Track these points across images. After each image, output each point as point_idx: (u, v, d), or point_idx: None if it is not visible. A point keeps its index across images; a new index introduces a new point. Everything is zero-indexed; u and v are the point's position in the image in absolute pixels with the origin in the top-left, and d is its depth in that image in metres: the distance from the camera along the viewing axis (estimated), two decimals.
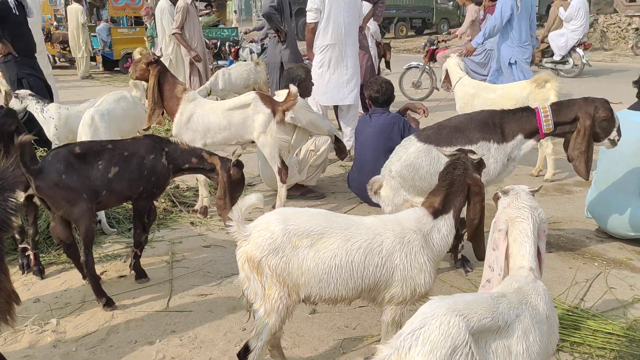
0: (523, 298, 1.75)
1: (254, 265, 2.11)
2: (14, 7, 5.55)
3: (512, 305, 1.68)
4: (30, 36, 5.83)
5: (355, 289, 2.15)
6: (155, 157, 3.24)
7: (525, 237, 1.95)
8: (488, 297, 1.70)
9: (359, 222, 2.21)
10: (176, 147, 3.35)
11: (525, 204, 2.00)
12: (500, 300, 1.68)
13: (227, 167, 3.28)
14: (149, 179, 3.22)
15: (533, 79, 5.13)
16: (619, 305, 3.05)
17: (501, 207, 2.06)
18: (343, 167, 5.80)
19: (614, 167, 3.76)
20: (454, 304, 1.59)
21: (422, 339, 1.50)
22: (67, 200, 2.96)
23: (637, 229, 3.70)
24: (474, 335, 1.56)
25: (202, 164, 3.35)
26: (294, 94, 4.18)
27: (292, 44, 6.72)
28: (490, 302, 1.66)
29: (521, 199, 2.01)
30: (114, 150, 3.17)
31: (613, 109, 3.19)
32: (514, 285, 1.81)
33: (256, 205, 2.20)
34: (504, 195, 2.06)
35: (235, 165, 3.31)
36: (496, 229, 2.04)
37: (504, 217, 2.02)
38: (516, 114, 3.28)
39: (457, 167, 2.28)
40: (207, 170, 3.38)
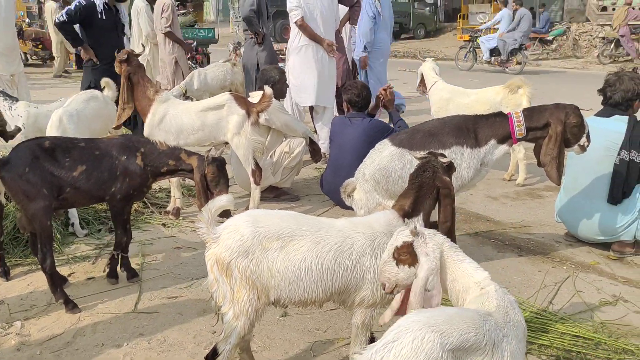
0: (506, 315, 1.72)
1: (223, 268, 2.09)
2: (101, 12, 5.30)
3: (499, 325, 1.66)
4: (118, 43, 5.53)
5: (325, 292, 2.14)
6: (129, 158, 3.18)
7: (461, 257, 1.90)
8: (474, 312, 1.68)
9: (329, 224, 2.20)
10: (153, 148, 3.25)
11: (434, 233, 1.93)
12: (486, 319, 1.65)
13: (202, 168, 3.21)
14: (122, 180, 3.16)
15: (506, 85, 5.20)
16: (586, 308, 3.10)
17: (423, 250, 1.87)
18: (318, 170, 5.79)
19: (582, 173, 3.82)
20: (432, 318, 1.56)
21: (393, 352, 1.49)
22: (26, 194, 2.92)
23: (604, 234, 3.77)
24: (457, 352, 1.54)
25: (181, 166, 3.26)
26: (269, 96, 4.17)
27: (269, 45, 6.70)
28: (475, 318, 1.63)
29: (430, 234, 1.91)
30: (85, 148, 3.12)
31: (583, 115, 3.24)
32: (492, 302, 1.76)
33: (226, 206, 2.18)
34: (415, 236, 1.88)
35: (211, 163, 3.21)
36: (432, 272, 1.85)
37: (435, 253, 1.86)
38: (489, 119, 3.31)
39: (427, 170, 2.29)
40: (187, 171, 3.28)
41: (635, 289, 3.33)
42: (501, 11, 15.10)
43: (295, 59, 5.65)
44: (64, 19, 5.20)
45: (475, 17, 21.50)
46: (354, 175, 3.60)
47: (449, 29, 26.60)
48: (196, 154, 3.29)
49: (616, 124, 3.67)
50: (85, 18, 5.27)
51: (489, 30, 15.78)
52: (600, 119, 3.77)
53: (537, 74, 14.30)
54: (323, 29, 5.57)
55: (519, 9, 14.69)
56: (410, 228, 1.87)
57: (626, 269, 3.62)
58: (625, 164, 3.59)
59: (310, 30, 5.47)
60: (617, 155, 3.61)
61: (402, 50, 21.07)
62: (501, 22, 14.74)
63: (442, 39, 25.06)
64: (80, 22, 5.36)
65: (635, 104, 3.72)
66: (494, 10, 20.99)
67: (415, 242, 1.86)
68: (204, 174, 3.19)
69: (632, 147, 3.58)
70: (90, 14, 5.24)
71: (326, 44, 5.51)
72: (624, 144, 3.60)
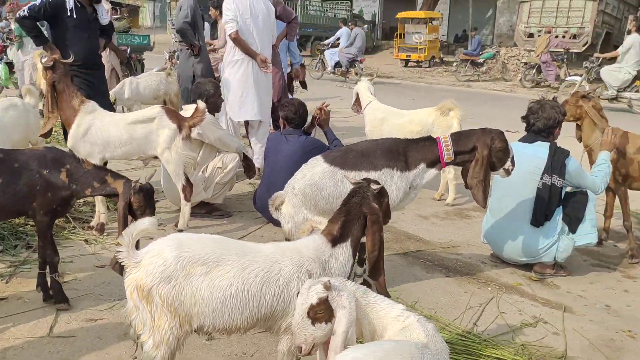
0: (436, 344, 1.75)
1: (144, 294, 2.00)
2: (72, 10, 4.84)
3: (434, 354, 1.68)
4: (91, 44, 5.12)
5: (250, 319, 2.09)
6: (51, 172, 3.00)
7: (372, 298, 1.91)
8: (411, 345, 1.68)
9: (257, 249, 2.16)
10: (79, 166, 3.10)
11: (343, 282, 1.93)
12: (424, 351, 1.66)
13: (127, 195, 3.07)
14: (44, 195, 2.98)
15: (438, 107, 5.34)
16: (508, 330, 3.19)
17: (339, 303, 1.84)
18: (252, 185, 5.72)
19: (506, 196, 3.95)
20: (371, 355, 1.55)
21: None
22: None
23: (527, 255, 3.91)
24: None
25: (105, 189, 3.13)
26: (202, 110, 4.08)
27: (206, 57, 6.59)
28: (413, 351, 1.63)
29: (340, 285, 1.90)
30: (3, 160, 2.93)
31: (508, 140, 3.35)
32: (420, 333, 1.78)
33: (149, 230, 2.09)
34: (329, 290, 1.84)
35: (138, 192, 3.08)
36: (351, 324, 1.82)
37: (352, 304, 1.84)
38: (419, 144, 3.37)
39: (356, 196, 2.29)
40: (111, 195, 3.17)
41: (554, 310, 3.46)
42: (341, 29, 17.24)
43: (230, 73, 5.57)
44: (25, 14, 4.78)
45: (412, 37, 22.11)
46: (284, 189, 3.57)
47: (387, 46, 27.27)
48: (123, 178, 3.16)
49: (539, 149, 3.83)
50: (52, 16, 4.86)
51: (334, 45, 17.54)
52: (524, 144, 3.92)
53: (468, 96, 14.84)
54: (259, 43, 5.52)
55: (354, 28, 16.82)
56: (324, 282, 1.82)
57: (546, 290, 3.76)
58: (548, 188, 3.75)
59: (244, 45, 5.41)
60: (540, 180, 3.77)
61: None
62: (341, 39, 16.74)
63: (380, 56, 25.64)
64: (48, 20, 4.95)
65: (555, 131, 3.90)
66: (429, 31, 21.71)
67: (330, 296, 1.81)
68: (128, 201, 3.05)
69: (553, 172, 3.74)
70: (58, 11, 4.83)
71: (259, 59, 5.46)
72: (546, 169, 3.75)
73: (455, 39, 28.14)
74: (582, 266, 4.17)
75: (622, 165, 4.22)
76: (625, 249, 4.38)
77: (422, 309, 3.34)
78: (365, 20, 27.60)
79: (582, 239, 3.83)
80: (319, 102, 4.69)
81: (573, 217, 3.82)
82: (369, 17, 30.49)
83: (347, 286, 1.87)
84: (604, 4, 18.21)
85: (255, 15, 5.48)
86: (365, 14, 30.48)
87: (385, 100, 6.00)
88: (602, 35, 18.13)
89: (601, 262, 4.26)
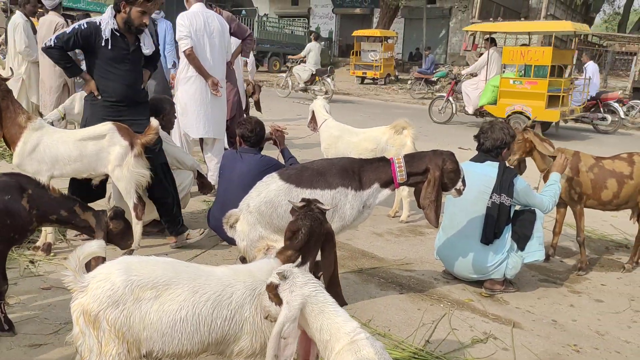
0: None
1: (90, 320, 1.94)
2: (107, 41, 4.08)
3: None
4: (130, 78, 4.30)
5: (201, 343, 2.06)
6: (13, 198, 2.88)
7: (330, 308, 1.92)
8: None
9: (209, 272, 2.13)
10: (43, 193, 3.00)
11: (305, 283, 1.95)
12: None
13: (103, 224, 3.00)
14: (3, 222, 2.86)
15: (392, 125, 5.43)
16: (460, 346, 3.24)
17: (286, 297, 1.90)
18: (206, 203, 5.66)
19: (458, 214, 4.04)
20: None
21: None
22: None
23: (477, 272, 4.00)
24: None
25: (74, 219, 3.05)
26: (155, 128, 4.02)
27: (161, 74, 6.50)
28: None
29: (299, 284, 1.92)
30: None
31: (458, 162, 3.44)
32: (369, 350, 1.79)
33: (97, 253, 2.04)
34: (282, 280, 1.91)
35: (115, 218, 3.03)
36: (288, 321, 1.86)
37: (295, 304, 1.88)
38: (373, 164, 3.42)
39: (305, 217, 2.30)
40: (80, 227, 3.10)
41: (504, 326, 3.54)
42: (309, 44, 17.28)
43: (184, 90, 5.52)
44: (51, 44, 4.10)
45: (367, 55, 22.47)
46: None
47: (343, 63, 27.61)
48: (90, 209, 3.10)
49: (488, 169, 3.93)
50: (85, 46, 4.18)
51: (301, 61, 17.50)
52: (474, 164, 4.03)
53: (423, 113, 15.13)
54: (213, 61, 5.50)
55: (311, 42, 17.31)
56: (284, 270, 1.90)
57: (496, 306, 3.85)
58: (497, 207, 3.85)
59: (197, 62, 5.38)
60: (490, 199, 3.87)
61: None
62: (309, 54, 16.73)
63: (336, 73, 25.84)
64: (82, 49, 4.27)
65: (503, 152, 4.02)
66: (384, 49, 22.12)
67: (281, 287, 1.89)
68: (107, 230, 2.99)
69: (502, 191, 3.85)
70: (90, 41, 4.12)
71: (211, 81, 5.43)
72: (495, 188, 3.86)
73: (409, 58, 28.80)
74: (531, 282, 4.29)
75: (576, 184, 4.40)
76: (576, 263, 4.55)
77: (375, 327, 3.37)
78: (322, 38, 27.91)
79: (530, 255, 3.95)
80: (280, 121, 4.71)
81: (521, 234, 3.94)
82: (325, 34, 30.94)
83: (304, 289, 1.89)
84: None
85: (210, 32, 5.46)
86: (322, 31, 30.90)
87: (341, 117, 6.08)
88: None
89: (548, 278, 4.39)
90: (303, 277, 1.91)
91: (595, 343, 3.41)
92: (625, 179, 4.37)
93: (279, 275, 1.89)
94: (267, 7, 33.36)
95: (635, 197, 4.44)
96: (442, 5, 28.32)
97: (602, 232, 5.52)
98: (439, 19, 28.21)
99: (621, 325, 3.67)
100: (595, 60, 17.00)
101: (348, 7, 31.81)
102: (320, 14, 32.85)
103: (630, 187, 4.37)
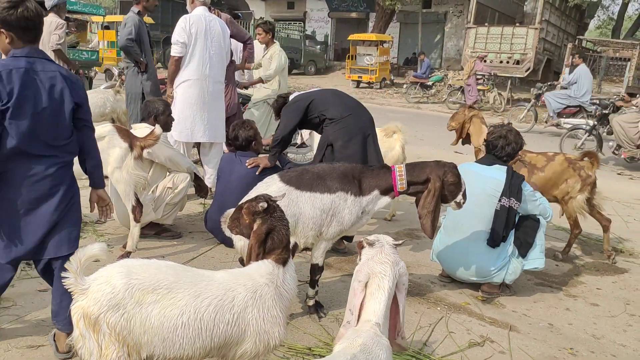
0: (369, 355, 1.79)
1: (90, 323, 1.94)
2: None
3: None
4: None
5: (203, 348, 2.06)
6: None
7: (382, 293, 2.01)
8: (341, 356, 1.72)
9: (209, 276, 2.13)
10: None
11: (387, 259, 2.06)
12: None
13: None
14: None
15: (383, 129, 5.44)
16: (457, 349, 3.26)
17: (364, 258, 2.11)
18: (202, 206, 5.65)
19: (461, 215, 4.00)
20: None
21: None
22: None
23: (479, 275, 4.00)
24: None
25: None
26: (157, 136, 4.05)
27: (154, 74, 6.49)
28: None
29: (384, 254, 2.07)
30: None
31: (460, 174, 3.41)
32: (358, 341, 1.85)
33: (98, 256, 2.04)
34: (369, 246, 2.11)
35: None
36: (356, 279, 2.07)
37: (365, 269, 2.07)
38: (374, 171, 3.41)
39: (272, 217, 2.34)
40: None
41: (500, 329, 3.56)
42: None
43: (181, 93, 5.52)
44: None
45: (363, 59, 22.53)
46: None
47: (339, 67, 27.66)
48: None
49: (497, 172, 3.94)
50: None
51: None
52: (482, 166, 4.04)
53: (418, 117, 15.20)
54: (211, 64, 5.50)
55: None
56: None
57: (493, 309, 3.87)
58: (506, 210, 3.86)
59: (175, 71, 5.48)
60: (499, 202, 3.87)
61: (292, 85, 21.44)
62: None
63: (332, 76, 25.96)
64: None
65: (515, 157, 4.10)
66: (380, 54, 22.19)
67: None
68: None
69: (511, 195, 3.86)
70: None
71: (168, 92, 5.63)
72: (504, 191, 3.87)
73: (405, 62, 28.86)
74: (527, 285, 4.31)
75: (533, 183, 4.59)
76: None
77: None
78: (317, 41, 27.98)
79: (531, 263, 3.97)
80: None
81: (524, 241, 3.96)
82: (321, 38, 30.98)
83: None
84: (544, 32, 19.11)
85: (211, 36, 5.48)
86: (318, 35, 30.97)
87: None
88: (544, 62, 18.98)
89: (544, 282, 4.42)
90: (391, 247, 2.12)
91: (591, 346, 3.43)
92: (535, 170, 4.75)
93: (368, 242, 2.13)
94: (263, 10, 33.39)
95: (549, 192, 4.71)
96: (438, 10, 28.41)
97: (597, 237, 5.55)
98: (434, 23, 28.30)
99: (617, 328, 3.70)
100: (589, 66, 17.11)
101: (344, 11, 31.86)
102: (316, 17, 32.89)
103: (540, 178, 4.71)
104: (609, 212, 6.42)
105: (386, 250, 2.10)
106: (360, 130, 4.25)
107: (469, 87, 16.42)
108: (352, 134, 4.21)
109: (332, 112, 4.24)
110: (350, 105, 4.38)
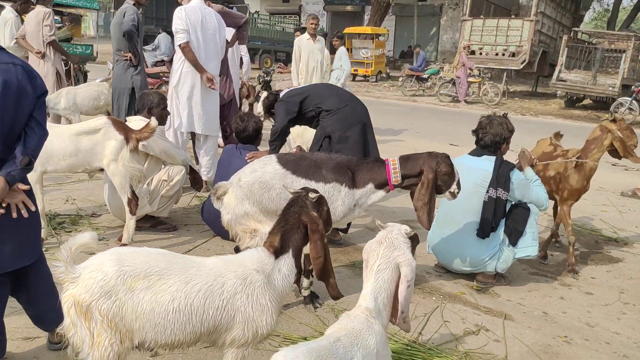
0: (355, 339, 1.81)
1: (82, 310, 1.94)
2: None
3: (346, 349, 1.72)
4: None
5: (193, 333, 2.06)
6: None
7: (371, 275, 2.00)
8: (327, 343, 1.73)
9: (200, 263, 2.13)
10: None
11: (385, 240, 2.03)
12: (337, 345, 1.71)
13: None
14: None
15: None
16: (452, 338, 3.27)
17: (376, 238, 2.10)
18: (198, 198, 5.64)
19: (454, 208, 4.02)
20: (306, 353, 1.61)
21: None
22: None
23: (472, 265, 4.01)
24: None
25: None
26: (152, 128, 4.03)
27: (143, 70, 6.46)
28: (330, 349, 1.70)
29: (387, 237, 2.04)
30: None
31: (453, 164, 3.40)
32: (348, 325, 1.85)
33: (89, 244, 2.03)
34: (381, 229, 2.11)
35: None
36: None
37: (366, 247, 2.07)
38: (369, 164, 3.40)
39: (294, 205, 2.30)
40: None
41: (495, 318, 3.57)
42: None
43: (177, 84, 5.50)
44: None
45: (359, 52, 22.49)
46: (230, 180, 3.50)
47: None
48: None
49: (485, 163, 3.93)
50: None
51: None
52: (471, 158, 4.03)
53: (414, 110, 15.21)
54: (206, 57, 5.48)
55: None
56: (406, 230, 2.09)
57: (488, 298, 3.88)
58: (493, 201, 3.85)
59: (192, 57, 5.35)
60: (486, 193, 3.87)
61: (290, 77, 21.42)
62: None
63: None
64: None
65: (502, 147, 4.02)
66: (375, 47, 22.15)
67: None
68: None
69: (498, 185, 3.85)
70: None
71: (206, 77, 5.42)
72: (491, 182, 3.86)
73: (401, 55, 28.84)
74: (521, 275, 4.32)
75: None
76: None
77: None
78: None
79: (523, 251, 3.95)
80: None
81: (513, 229, 3.94)
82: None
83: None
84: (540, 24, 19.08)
85: (206, 29, 5.45)
86: None
87: None
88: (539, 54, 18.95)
89: (539, 271, 4.43)
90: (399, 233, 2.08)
91: (585, 334, 3.44)
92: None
93: (380, 225, 2.15)
94: (258, 4, 33.32)
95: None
96: (433, 3, 28.38)
97: (591, 227, 5.56)
98: (429, 16, 28.27)
99: (611, 317, 3.71)
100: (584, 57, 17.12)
101: (339, 4, 31.82)
102: (311, 11, 32.81)
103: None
104: (604, 203, 6.46)
105: (391, 235, 2.05)
106: (357, 120, 4.26)
107: (458, 80, 16.43)
108: (351, 123, 4.22)
109: (328, 104, 4.25)
110: (345, 97, 4.40)
